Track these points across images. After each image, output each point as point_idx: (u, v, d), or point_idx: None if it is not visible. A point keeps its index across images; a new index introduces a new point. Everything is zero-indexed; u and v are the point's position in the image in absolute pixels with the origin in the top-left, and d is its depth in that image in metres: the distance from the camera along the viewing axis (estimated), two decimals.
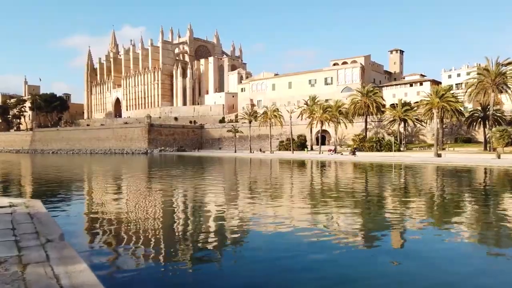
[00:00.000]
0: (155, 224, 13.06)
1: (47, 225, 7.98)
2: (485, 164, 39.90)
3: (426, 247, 10.05)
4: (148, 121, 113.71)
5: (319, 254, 9.29)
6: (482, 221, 13.24)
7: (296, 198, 19.41)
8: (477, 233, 11.82)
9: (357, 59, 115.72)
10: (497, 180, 28.58)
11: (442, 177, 30.56)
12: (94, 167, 51.12)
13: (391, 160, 49.93)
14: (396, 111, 74.50)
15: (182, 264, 8.76)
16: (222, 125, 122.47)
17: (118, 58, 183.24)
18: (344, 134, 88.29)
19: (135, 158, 78.87)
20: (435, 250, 9.71)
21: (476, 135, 74.02)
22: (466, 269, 8.39)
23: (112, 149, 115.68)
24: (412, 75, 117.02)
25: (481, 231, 12.00)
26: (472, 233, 11.78)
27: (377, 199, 19.00)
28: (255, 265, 8.59)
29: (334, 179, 30.06)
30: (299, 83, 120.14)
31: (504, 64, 58.49)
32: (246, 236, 11.46)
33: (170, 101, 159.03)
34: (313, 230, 11.71)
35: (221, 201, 18.24)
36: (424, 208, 16.19)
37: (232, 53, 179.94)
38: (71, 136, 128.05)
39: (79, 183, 28.58)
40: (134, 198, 19.92)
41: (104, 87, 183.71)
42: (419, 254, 9.43)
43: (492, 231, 11.86)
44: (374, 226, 12.71)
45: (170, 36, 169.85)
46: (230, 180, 30.69)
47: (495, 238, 11.16)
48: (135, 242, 10.42)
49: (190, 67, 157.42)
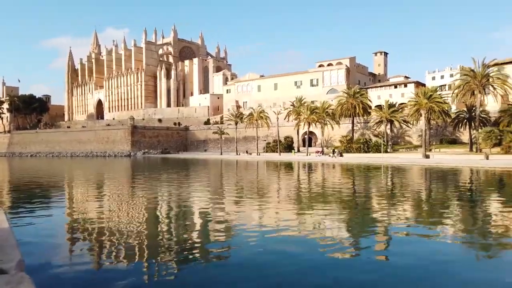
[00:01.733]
0: (139, 237, 11.59)
1: (2, 247, 6.50)
2: (475, 166, 39.59)
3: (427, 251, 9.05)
4: (131, 123, 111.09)
5: (306, 256, 9.18)
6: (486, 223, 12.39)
7: (284, 201, 18.23)
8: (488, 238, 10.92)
9: (342, 61, 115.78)
10: (492, 182, 28.05)
11: (436, 179, 29.88)
12: (73, 171, 48.90)
13: (379, 162, 49.35)
14: (383, 112, 74.32)
15: (168, 271, 7.95)
16: (207, 126, 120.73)
17: (100, 59, 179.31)
18: (330, 135, 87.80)
19: (117, 161, 76.50)
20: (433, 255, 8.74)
21: (461, 136, 74.44)
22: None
23: (94, 152, 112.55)
24: (397, 77, 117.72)
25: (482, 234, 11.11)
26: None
27: (379, 202, 17.98)
28: (242, 270, 8.26)
29: (328, 181, 29.01)
30: (285, 85, 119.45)
31: (489, 66, 58.79)
32: (232, 240, 11.00)
33: (154, 102, 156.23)
34: (301, 233, 11.47)
35: (206, 206, 16.90)
36: (432, 212, 15.27)
37: (217, 54, 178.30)
38: (50, 138, 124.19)
39: (55, 190, 26.68)
40: (116, 207, 18.34)
41: (85, 88, 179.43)
42: (415, 256, 9.17)
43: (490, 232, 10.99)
44: (379, 230, 11.66)
45: (154, 37, 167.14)
46: (216, 183, 29.31)
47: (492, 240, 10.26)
48: (115, 263, 9.01)
49: (174, 68, 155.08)
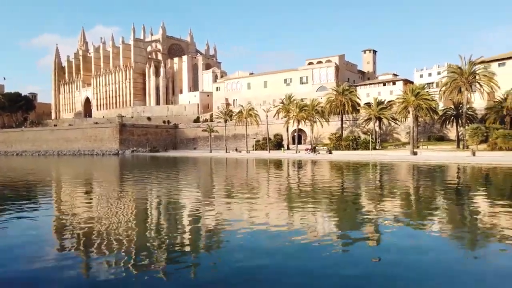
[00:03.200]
0: (127, 237, 11.28)
1: None
2: (462, 162, 40.00)
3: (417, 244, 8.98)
4: (119, 121, 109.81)
5: (295, 253, 9.11)
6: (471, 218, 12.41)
7: (273, 198, 18.08)
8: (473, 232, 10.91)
9: (332, 59, 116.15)
10: (478, 178, 28.33)
11: (424, 176, 30.07)
12: (59, 169, 48.08)
13: (368, 159, 49.61)
14: (371, 109, 74.72)
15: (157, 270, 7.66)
16: (197, 124, 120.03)
17: (88, 56, 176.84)
18: (320, 133, 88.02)
19: (105, 159, 75.56)
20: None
21: (448, 133, 75.29)
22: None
23: (81, 151, 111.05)
24: (385, 75, 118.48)
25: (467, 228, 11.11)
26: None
27: (368, 199, 17.93)
28: (232, 268, 8.07)
29: (317, 179, 28.96)
30: (275, 82, 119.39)
31: (476, 63, 59.46)
32: (222, 238, 10.76)
33: (142, 100, 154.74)
34: (291, 230, 11.34)
35: (196, 204, 16.65)
36: (420, 208, 15.26)
37: (206, 52, 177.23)
38: (37, 137, 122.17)
39: (37, 190, 26.10)
40: (103, 206, 17.96)
41: (73, 86, 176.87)
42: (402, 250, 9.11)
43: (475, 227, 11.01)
44: (370, 228, 11.56)
45: (142, 34, 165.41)
46: (206, 182, 29.04)
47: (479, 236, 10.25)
48: (102, 263, 8.73)
49: (163, 65, 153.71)
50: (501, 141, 51.01)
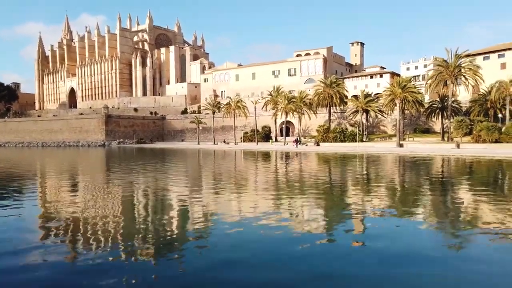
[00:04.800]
0: (114, 229, 11.13)
1: None
2: (447, 154, 40.66)
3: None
4: (105, 112, 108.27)
5: (284, 244, 9.04)
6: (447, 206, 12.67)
7: (261, 189, 18.09)
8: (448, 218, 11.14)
9: (320, 51, 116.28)
10: (462, 169, 28.84)
11: (410, 167, 30.46)
12: (44, 161, 47.21)
13: (355, 151, 50.04)
14: (359, 102, 75.17)
15: (145, 263, 7.48)
16: (184, 116, 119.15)
17: (72, 45, 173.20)
18: (308, 125, 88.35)
19: (91, 151, 74.51)
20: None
21: (433, 125, 76.38)
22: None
23: (66, 142, 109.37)
24: (373, 67, 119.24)
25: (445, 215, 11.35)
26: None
27: (355, 190, 18.08)
28: (221, 260, 7.91)
29: (304, 171, 29.07)
30: (263, 74, 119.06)
31: (461, 56, 60.16)
32: (209, 228, 10.73)
33: (129, 91, 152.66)
34: (278, 221, 11.21)
35: (184, 195, 16.53)
36: (406, 199, 15.47)
37: (194, 42, 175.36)
38: (20, 128, 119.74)
39: (21, 182, 25.57)
40: (90, 198, 17.69)
41: (57, 76, 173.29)
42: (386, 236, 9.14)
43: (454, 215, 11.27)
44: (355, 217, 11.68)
45: (128, 24, 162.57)
46: (194, 173, 28.88)
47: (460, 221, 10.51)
48: (89, 256, 8.59)
49: (150, 56, 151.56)
50: (485, 134, 51.94)
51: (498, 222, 10.74)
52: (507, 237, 9.36)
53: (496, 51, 77.54)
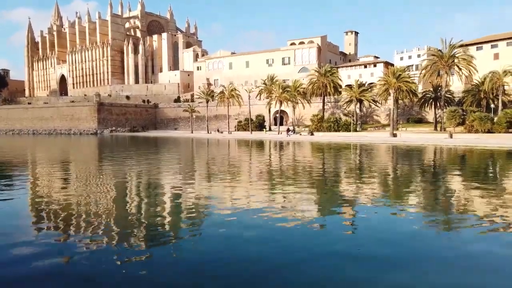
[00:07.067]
0: (107, 219, 10.97)
1: None
2: (440, 144, 40.91)
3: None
4: (97, 100, 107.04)
5: (276, 233, 9.01)
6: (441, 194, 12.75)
7: (256, 179, 18.02)
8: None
9: (314, 40, 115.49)
10: (454, 159, 29.03)
11: (403, 157, 30.59)
12: (35, 149, 46.61)
13: (349, 140, 50.13)
14: (353, 91, 75.09)
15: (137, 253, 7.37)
16: (177, 104, 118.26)
17: (63, 31, 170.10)
18: (302, 114, 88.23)
19: (83, 139, 73.76)
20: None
21: (426, 115, 76.75)
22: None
23: (57, 130, 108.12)
24: (366, 57, 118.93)
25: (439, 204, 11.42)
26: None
27: (348, 179, 18.08)
28: (214, 250, 7.83)
29: (298, 160, 29.05)
30: (257, 62, 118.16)
31: (456, 47, 60.19)
32: (202, 217, 10.70)
33: (121, 79, 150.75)
34: (271, 209, 11.19)
35: (177, 184, 16.39)
36: (399, 188, 15.51)
37: (187, 30, 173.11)
38: (10, 115, 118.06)
39: (13, 170, 25.19)
40: (82, 187, 17.45)
41: (47, 62, 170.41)
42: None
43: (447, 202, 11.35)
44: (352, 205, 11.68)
45: (120, 10, 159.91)
46: (187, 162, 28.71)
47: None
48: (82, 244, 8.44)
49: (142, 43, 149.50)
50: (477, 124, 52.34)
51: (486, 210, 10.96)
52: (492, 223, 9.60)
53: (489, 41, 77.68)
